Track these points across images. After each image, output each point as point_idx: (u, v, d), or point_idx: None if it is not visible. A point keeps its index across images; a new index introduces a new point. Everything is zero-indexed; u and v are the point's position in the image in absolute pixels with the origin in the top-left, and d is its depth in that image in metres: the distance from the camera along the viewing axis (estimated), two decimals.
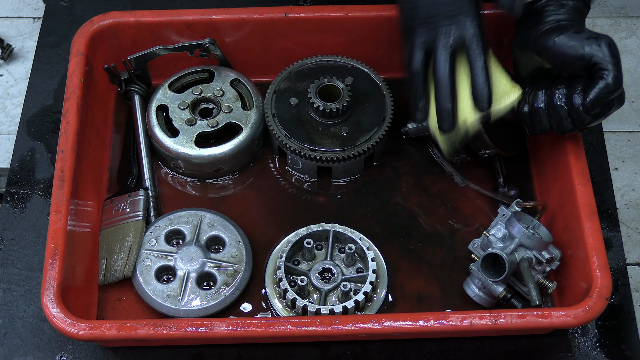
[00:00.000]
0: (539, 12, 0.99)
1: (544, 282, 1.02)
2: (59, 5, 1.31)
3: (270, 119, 1.13)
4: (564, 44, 0.95)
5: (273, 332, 0.95)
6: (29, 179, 1.15)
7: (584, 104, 0.95)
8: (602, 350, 1.04)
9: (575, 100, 0.96)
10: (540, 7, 0.99)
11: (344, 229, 1.07)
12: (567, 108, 0.97)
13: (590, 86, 0.95)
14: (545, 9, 0.98)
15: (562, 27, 0.96)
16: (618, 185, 1.94)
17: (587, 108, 0.95)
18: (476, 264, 1.02)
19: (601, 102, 0.95)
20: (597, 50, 0.94)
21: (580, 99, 0.95)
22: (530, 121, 1.01)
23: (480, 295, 1.03)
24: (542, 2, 0.99)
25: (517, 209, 1.04)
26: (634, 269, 1.85)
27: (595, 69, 0.94)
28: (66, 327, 0.94)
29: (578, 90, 0.96)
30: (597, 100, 0.95)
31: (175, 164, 1.15)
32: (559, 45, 0.95)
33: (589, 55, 0.94)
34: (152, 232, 1.09)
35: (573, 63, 0.95)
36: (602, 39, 0.94)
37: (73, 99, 1.08)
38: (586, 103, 0.95)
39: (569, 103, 0.97)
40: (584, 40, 0.94)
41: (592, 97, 0.95)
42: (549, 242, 1.01)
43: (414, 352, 1.04)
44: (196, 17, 1.16)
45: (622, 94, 0.98)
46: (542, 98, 0.99)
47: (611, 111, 0.98)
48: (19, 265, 1.09)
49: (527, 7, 1.00)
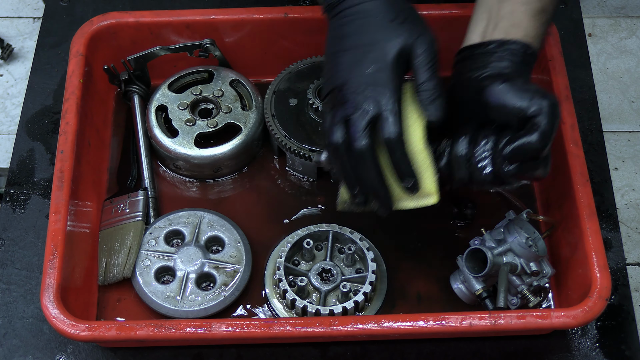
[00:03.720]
0: (485, 55, 0.93)
1: (527, 294, 1.01)
2: (58, 5, 1.31)
3: (270, 119, 1.13)
4: (506, 92, 0.88)
5: (273, 333, 0.95)
6: (28, 179, 1.15)
7: (501, 152, 0.88)
8: (602, 350, 1.04)
9: (498, 148, 0.89)
10: (487, 51, 0.93)
11: (343, 229, 1.07)
12: (489, 157, 0.90)
13: (515, 136, 0.88)
14: (493, 53, 0.92)
15: (508, 75, 0.90)
16: (618, 185, 1.94)
17: (505, 157, 0.88)
18: (462, 256, 1.03)
19: (521, 155, 0.88)
20: (538, 105, 0.86)
21: (502, 147, 0.89)
22: (447, 170, 0.93)
23: (462, 289, 1.04)
24: (490, 46, 0.93)
25: (525, 218, 1.04)
26: (633, 269, 1.85)
27: (529, 122, 0.87)
28: (66, 327, 0.94)
29: (504, 140, 0.89)
30: (516, 151, 0.87)
31: (174, 164, 1.15)
32: (500, 92, 0.88)
33: (528, 108, 0.87)
34: (151, 233, 1.09)
35: (510, 113, 0.88)
36: (548, 97, 0.87)
37: (72, 99, 1.08)
38: (504, 151, 0.88)
39: (494, 151, 0.90)
40: (530, 92, 0.87)
41: (513, 146, 0.88)
42: (541, 255, 1.01)
43: (414, 352, 1.04)
44: (196, 18, 1.16)
45: (547, 163, 0.91)
46: (464, 144, 0.91)
47: (533, 175, 0.90)
48: (19, 266, 1.09)
49: (472, 50, 0.94)
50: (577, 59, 1.25)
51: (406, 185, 0.91)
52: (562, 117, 1.06)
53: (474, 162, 0.91)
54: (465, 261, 1.01)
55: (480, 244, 1.03)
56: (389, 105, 0.89)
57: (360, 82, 0.90)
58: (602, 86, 2.08)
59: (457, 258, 1.04)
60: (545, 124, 0.86)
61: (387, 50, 0.90)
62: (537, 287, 1.02)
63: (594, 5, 2.24)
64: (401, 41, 0.90)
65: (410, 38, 0.91)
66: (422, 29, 0.92)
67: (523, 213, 1.05)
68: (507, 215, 1.05)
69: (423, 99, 0.91)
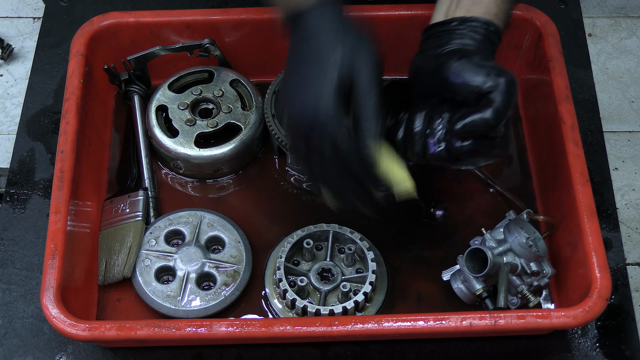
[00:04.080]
0: (448, 33, 0.93)
1: (527, 295, 1.01)
2: (58, 5, 1.31)
3: (270, 119, 1.13)
4: (463, 68, 0.88)
5: (273, 333, 0.95)
6: (28, 179, 1.15)
7: (452, 127, 0.88)
8: (602, 350, 1.04)
9: (451, 124, 0.89)
10: (450, 29, 0.93)
11: (343, 229, 1.07)
12: (442, 133, 0.89)
13: (467, 112, 0.87)
14: (454, 31, 0.93)
15: (467, 52, 0.90)
16: (618, 185, 1.94)
17: (455, 132, 0.87)
18: (462, 256, 1.03)
19: (473, 130, 0.87)
20: (493, 82, 0.86)
21: (454, 122, 0.88)
22: (402, 144, 0.93)
23: (462, 288, 1.04)
24: (452, 24, 0.93)
25: (525, 218, 1.04)
26: (634, 269, 1.85)
27: (484, 98, 0.87)
28: (66, 327, 0.94)
29: (458, 115, 0.88)
30: (467, 126, 0.87)
31: (174, 164, 1.15)
32: (457, 67, 0.88)
33: (483, 84, 0.86)
34: (151, 233, 1.09)
35: (465, 89, 0.88)
36: (504, 74, 0.87)
37: (73, 99, 1.08)
38: (456, 126, 0.87)
39: (447, 127, 0.89)
40: (486, 68, 0.87)
41: (464, 121, 0.87)
42: (541, 255, 1.01)
43: (414, 352, 1.04)
44: (196, 18, 1.16)
45: (506, 142, 0.90)
46: (420, 119, 0.91)
47: (490, 153, 0.89)
48: (19, 266, 1.09)
49: (435, 28, 0.95)
50: (577, 59, 1.25)
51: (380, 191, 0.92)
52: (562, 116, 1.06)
53: (428, 138, 0.90)
54: (466, 261, 1.01)
55: (480, 243, 1.03)
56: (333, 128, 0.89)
57: (305, 106, 0.90)
58: (602, 86, 2.08)
59: (457, 258, 1.04)
60: (499, 100, 0.86)
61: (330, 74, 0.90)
62: (537, 287, 1.02)
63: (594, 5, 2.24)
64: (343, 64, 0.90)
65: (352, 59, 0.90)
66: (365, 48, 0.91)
67: (523, 213, 1.05)
68: (507, 215, 1.05)
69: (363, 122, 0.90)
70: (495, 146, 0.89)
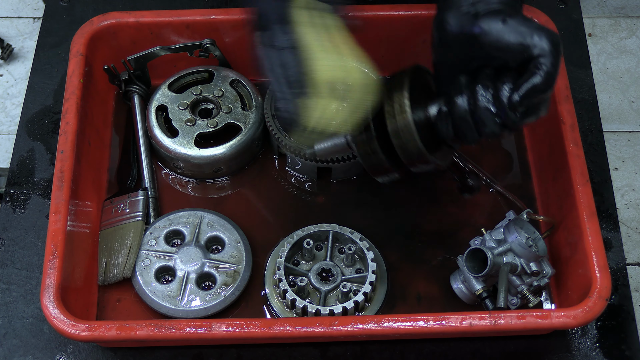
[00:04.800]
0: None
1: (527, 295, 1.01)
2: (58, 5, 1.31)
3: (270, 119, 1.13)
4: (507, 30, 0.83)
5: (273, 333, 0.95)
6: (28, 179, 1.15)
7: (510, 100, 0.84)
8: (602, 350, 1.04)
9: (503, 96, 0.85)
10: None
11: (343, 229, 1.07)
12: (494, 108, 0.86)
13: (520, 81, 0.84)
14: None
15: (509, 12, 0.85)
16: (618, 185, 1.94)
17: (513, 104, 0.84)
18: (462, 256, 1.03)
19: (530, 99, 0.84)
20: (541, 44, 0.82)
21: (508, 95, 0.85)
22: (454, 134, 0.90)
23: (462, 289, 1.04)
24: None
25: (525, 218, 1.04)
26: (634, 269, 1.85)
27: (532, 63, 0.83)
28: (66, 327, 0.94)
29: (506, 85, 0.85)
30: (526, 97, 0.84)
31: (174, 164, 1.15)
32: (501, 31, 0.84)
33: (532, 48, 0.83)
34: (151, 233, 1.09)
35: (511, 52, 0.84)
36: (550, 35, 0.83)
37: (72, 99, 1.08)
38: (513, 98, 0.84)
39: (497, 101, 0.85)
40: (532, 29, 0.83)
41: (522, 92, 0.84)
42: (541, 255, 1.01)
43: (414, 352, 1.04)
44: (196, 18, 1.16)
45: (548, 101, 0.88)
46: (462, 102, 0.87)
47: (538, 116, 0.87)
48: (19, 266, 1.09)
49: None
50: (577, 59, 1.25)
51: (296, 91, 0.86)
52: (562, 116, 1.06)
53: (480, 116, 0.87)
54: (466, 261, 1.01)
55: (480, 244, 1.03)
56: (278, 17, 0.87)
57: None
58: (602, 86, 2.08)
59: (457, 258, 1.04)
60: (550, 63, 0.83)
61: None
62: (537, 287, 1.02)
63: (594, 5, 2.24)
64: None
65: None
66: None
67: (523, 213, 1.05)
68: (507, 215, 1.05)
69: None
70: (542, 107, 0.87)
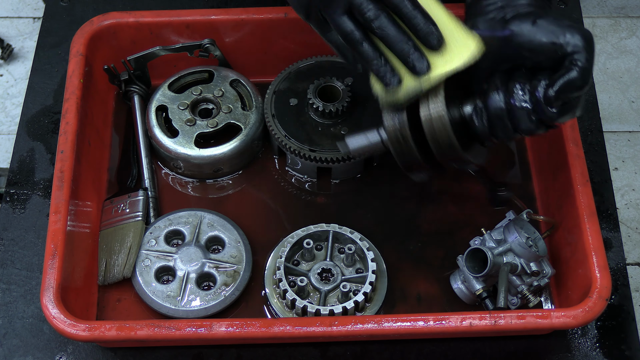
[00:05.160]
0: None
1: (527, 295, 1.01)
2: (58, 5, 1.31)
3: (270, 119, 1.13)
4: (540, 30, 0.85)
5: (273, 333, 0.95)
6: (28, 179, 1.15)
7: (546, 95, 0.85)
8: (602, 350, 1.04)
9: (539, 93, 0.86)
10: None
11: (343, 229, 1.07)
12: (530, 105, 0.87)
13: (556, 77, 0.85)
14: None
15: (538, 13, 0.87)
16: (618, 185, 1.94)
17: (549, 99, 0.85)
18: (462, 256, 1.03)
19: (566, 95, 0.85)
20: (574, 42, 0.84)
21: (543, 90, 0.86)
22: (489, 131, 0.90)
23: (462, 289, 1.04)
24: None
25: (525, 219, 1.04)
26: (634, 269, 1.85)
27: (567, 60, 0.85)
28: (66, 327, 0.94)
29: (542, 82, 0.86)
30: (562, 92, 0.85)
31: (174, 164, 1.15)
32: (534, 31, 0.85)
33: (566, 46, 0.84)
34: (151, 233, 1.09)
35: (544, 52, 0.86)
36: (582, 32, 0.85)
37: (72, 99, 1.08)
38: (549, 93, 0.85)
39: (533, 98, 0.87)
40: (565, 27, 0.85)
41: (557, 87, 0.84)
42: (541, 255, 1.01)
43: (414, 352, 1.04)
44: (195, 18, 1.16)
45: (583, 100, 0.89)
46: (498, 99, 0.88)
47: (573, 112, 0.88)
48: (19, 266, 1.09)
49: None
50: None
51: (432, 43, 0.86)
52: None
53: (516, 114, 0.88)
54: (466, 261, 1.01)
55: (480, 244, 1.03)
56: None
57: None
58: (602, 86, 2.08)
59: (457, 258, 1.04)
60: (584, 60, 0.84)
61: None
62: (537, 287, 1.02)
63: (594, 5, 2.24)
64: None
65: None
66: None
67: (523, 213, 1.05)
68: (507, 215, 1.05)
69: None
70: (577, 105, 0.88)
